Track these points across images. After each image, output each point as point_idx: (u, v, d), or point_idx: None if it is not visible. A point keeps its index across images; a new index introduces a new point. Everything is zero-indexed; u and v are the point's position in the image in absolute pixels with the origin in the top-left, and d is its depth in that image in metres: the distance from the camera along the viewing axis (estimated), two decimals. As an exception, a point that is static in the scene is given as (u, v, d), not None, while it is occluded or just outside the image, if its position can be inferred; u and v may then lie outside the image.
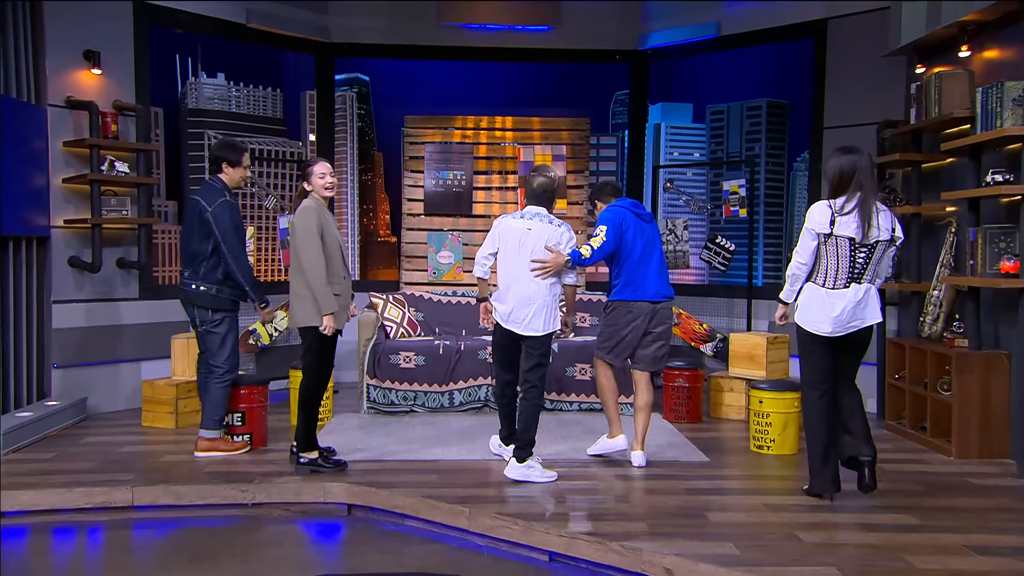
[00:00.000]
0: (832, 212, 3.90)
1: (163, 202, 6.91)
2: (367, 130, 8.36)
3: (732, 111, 7.73)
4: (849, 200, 3.89)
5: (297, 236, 4.39)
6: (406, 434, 5.48)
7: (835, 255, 3.92)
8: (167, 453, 5.03)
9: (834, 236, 3.90)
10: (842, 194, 3.92)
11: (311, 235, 4.36)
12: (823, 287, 3.96)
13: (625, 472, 4.65)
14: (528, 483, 4.38)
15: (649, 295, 4.67)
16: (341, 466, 4.63)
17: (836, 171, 3.94)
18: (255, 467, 4.73)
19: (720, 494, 4.27)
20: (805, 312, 4.00)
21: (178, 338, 5.96)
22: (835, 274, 3.93)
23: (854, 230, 3.88)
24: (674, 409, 6.02)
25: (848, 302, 3.91)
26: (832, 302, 3.93)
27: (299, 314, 4.49)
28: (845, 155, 3.94)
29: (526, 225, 4.52)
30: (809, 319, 3.99)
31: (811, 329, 3.98)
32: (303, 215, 4.39)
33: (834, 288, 3.93)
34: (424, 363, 6.19)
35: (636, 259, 4.67)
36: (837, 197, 3.93)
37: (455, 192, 7.49)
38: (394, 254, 7.96)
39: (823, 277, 3.96)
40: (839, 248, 3.90)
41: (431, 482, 4.42)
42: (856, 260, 3.92)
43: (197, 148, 7.18)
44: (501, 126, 7.66)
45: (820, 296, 3.96)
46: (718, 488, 4.38)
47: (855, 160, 3.91)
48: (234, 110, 7.42)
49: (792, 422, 5.07)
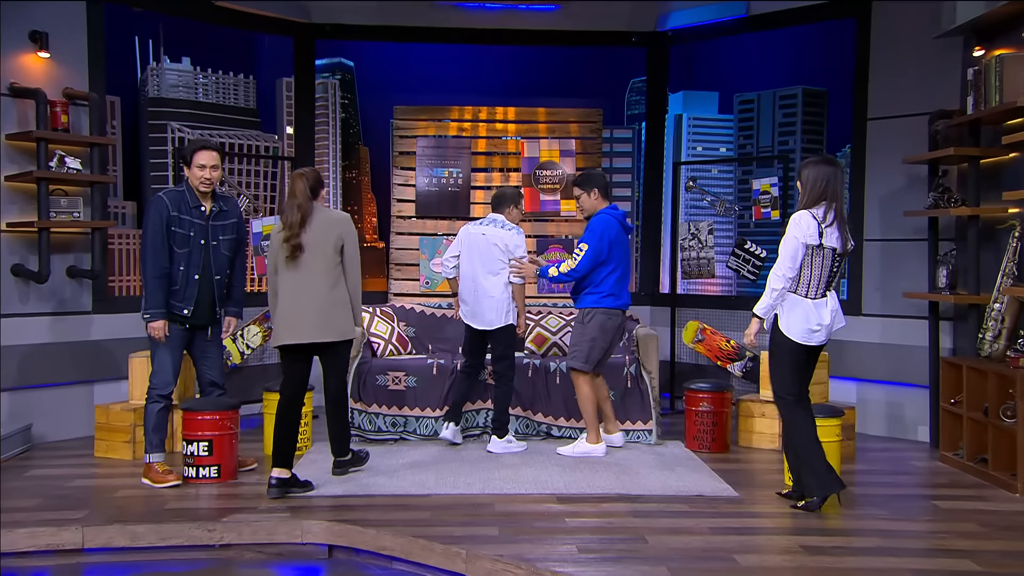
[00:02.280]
0: (817, 223, 4.40)
1: (120, 203, 6.91)
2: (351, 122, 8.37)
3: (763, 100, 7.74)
4: (828, 211, 4.42)
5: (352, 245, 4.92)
6: (395, 465, 5.46)
7: (820, 266, 4.43)
8: (123, 488, 4.99)
9: (822, 247, 4.41)
10: (818, 205, 4.45)
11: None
12: (806, 297, 4.46)
13: (641, 507, 4.64)
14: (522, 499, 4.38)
15: (626, 304, 5.68)
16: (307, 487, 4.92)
17: (813, 181, 4.46)
18: (224, 503, 4.70)
19: (751, 534, 4.24)
20: (793, 323, 4.47)
21: (136, 357, 5.93)
22: (816, 284, 4.46)
23: (836, 240, 4.44)
24: (698, 437, 5.98)
25: (831, 310, 4.49)
26: (820, 312, 4.46)
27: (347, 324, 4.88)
28: (823, 166, 4.48)
29: (482, 231, 5.79)
30: (799, 330, 4.46)
31: (802, 340, 4.47)
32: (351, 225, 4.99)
33: (816, 298, 4.46)
34: (416, 384, 6.17)
35: (623, 270, 5.65)
36: (813, 208, 4.45)
37: (451, 192, 7.50)
38: (382, 261, 7.94)
39: (805, 288, 4.46)
40: (824, 259, 4.43)
41: (423, 520, 4.40)
42: (832, 270, 4.48)
43: (159, 142, 7.19)
44: (502, 118, 7.67)
45: (807, 306, 4.45)
46: (748, 527, 4.34)
47: (832, 172, 4.46)
48: (201, 99, 7.43)
49: (833, 452, 5.02)
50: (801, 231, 4.39)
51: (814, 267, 4.43)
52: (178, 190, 5.13)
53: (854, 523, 4.45)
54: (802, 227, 4.39)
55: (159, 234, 4.99)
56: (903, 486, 5.23)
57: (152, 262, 5.00)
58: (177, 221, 5.02)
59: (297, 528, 4.37)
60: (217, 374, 5.31)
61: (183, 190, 5.11)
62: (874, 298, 6.60)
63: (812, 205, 4.44)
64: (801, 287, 4.46)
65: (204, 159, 5.06)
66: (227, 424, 5.12)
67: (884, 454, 6.00)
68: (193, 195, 5.08)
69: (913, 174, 6.40)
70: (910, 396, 6.39)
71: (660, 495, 4.85)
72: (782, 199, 6.83)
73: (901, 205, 6.37)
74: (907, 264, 6.40)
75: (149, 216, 5.04)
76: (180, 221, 5.03)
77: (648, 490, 4.93)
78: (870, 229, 6.63)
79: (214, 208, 5.14)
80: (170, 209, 5.00)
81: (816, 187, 4.44)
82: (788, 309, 4.47)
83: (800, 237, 4.39)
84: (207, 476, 5.09)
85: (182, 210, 5.04)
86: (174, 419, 5.74)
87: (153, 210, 5.04)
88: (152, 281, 5.00)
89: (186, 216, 5.05)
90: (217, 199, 5.17)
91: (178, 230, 5.03)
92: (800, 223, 4.40)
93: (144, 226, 5.08)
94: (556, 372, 6.20)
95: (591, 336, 5.59)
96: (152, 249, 5.00)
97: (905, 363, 6.37)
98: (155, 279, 5.00)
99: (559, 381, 6.18)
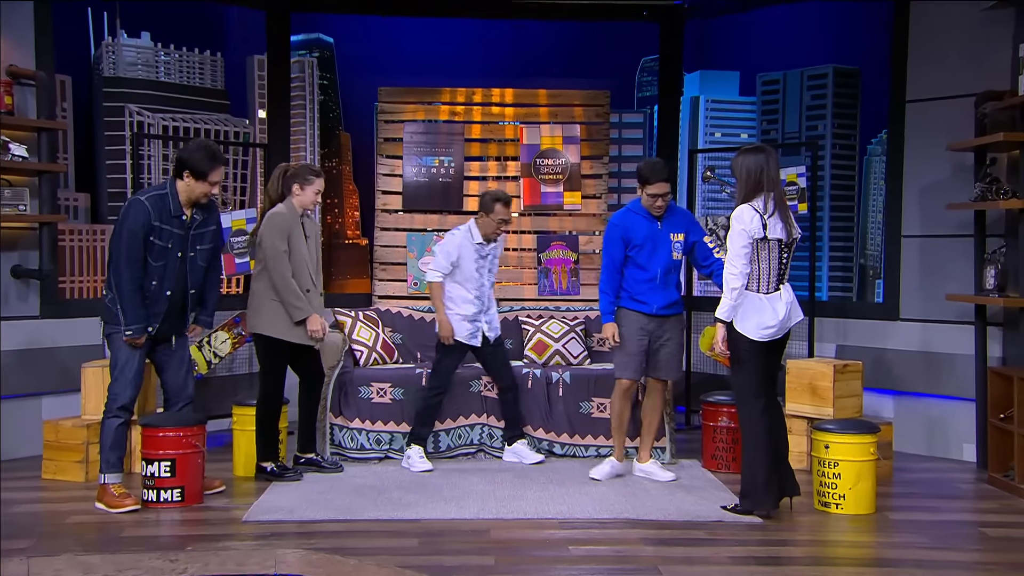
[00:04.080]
0: (760, 215, 4.69)
1: (72, 195, 6.90)
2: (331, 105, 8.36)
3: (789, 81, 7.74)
4: (767, 201, 4.72)
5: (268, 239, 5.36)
6: (379, 486, 5.45)
7: (767, 259, 4.75)
8: (74, 513, 4.97)
9: (767, 240, 4.70)
10: (756, 196, 4.73)
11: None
12: (758, 292, 4.76)
13: (654, 534, 4.63)
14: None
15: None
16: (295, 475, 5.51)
17: (747, 173, 4.75)
18: (188, 529, 4.68)
19: (776, 563, 4.23)
20: (746, 319, 4.76)
21: (90, 367, 5.91)
22: (767, 278, 4.76)
23: (780, 231, 4.73)
24: (716, 456, 5.98)
25: (784, 304, 4.78)
26: (773, 306, 4.76)
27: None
28: (753, 155, 4.78)
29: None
30: (752, 326, 4.75)
31: (755, 336, 4.75)
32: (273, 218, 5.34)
33: (768, 292, 4.77)
34: (403, 397, 6.17)
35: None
36: (752, 200, 4.73)
37: (441, 183, 7.49)
38: (365, 260, 7.94)
39: (756, 283, 4.77)
40: (770, 251, 4.74)
41: (411, 548, 4.39)
42: (781, 261, 4.79)
43: (115, 127, 7.18)
44: (499, 100, 7.66)
45: (760, 302, 4.76)
46: (773, 556, 4.33)
47: (764, 159, 4.76)
48: (163, 79, 7.43)
49: (867, 473, 5.02)
50: (745, 223, 4.68)
51: (761, 261, 4.74)
52: (159, 194, 5.04)
53: (891, 552, 4.43)
54: (744, 220, 4.69)
55: (137, 243, 4.94)
56: (946, 511, 5.21)
57: (129, 272, 4.95)
58: (157, 231, 4.98)
59: (270, 557, 4.35)
60: (183, 382, 5.29)
61: (166, 194, 5.04)
62: (913, 301, 6.58)
63: (750, 198, 4.74)
64: (752, 283, 4.75)
65: (219, 176, 5.14)
66: (192, 442, 5.09)
67: (925, 475, 5.98)
68: (177, 203, 5.05)
69: (957, 162, 6.39)
70: (954, 410, 6.37)
71: (675, 520, 4.83)
72: (811, 191, 6.82)
73: (944, 197, 6.36)
74: (950, 263, 6.39)
75: (127, 222, 4.97)
76: (160, 232, 4.99)
77: (662, 515, 4.92)
78: (909, 224, 6.62)
79: (195, 216, 5.14)
80: (152, 217, 4.96)
81: (751, 178, 4.73)
82: (741, 307, 4.77)
83: (745, 230, 4.67)
84: (169, 500, 5.05)
85: (164, 219, 5.00)
86: (132, 436, 5.70)
87: (132, 215, 4.96)
88: (131, 293, 4.96)
89: (167, 226, 5.01)
90: (198, 205, 5.15)
91: (156, 241, 5.00)
92: (743, 217, 4.70)
93: (118, 231, 5.01)
94: (559, 383, 6.19)
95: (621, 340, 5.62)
96: (128, 258, 4.94)
97: (948, 373, 6.35)
98: (134, 291, 4.96)
99: (562, 393, 6.17)
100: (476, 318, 6.01)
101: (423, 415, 5.99)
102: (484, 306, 6.05)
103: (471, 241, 5.99)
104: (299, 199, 5.50)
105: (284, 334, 5.44)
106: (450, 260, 5.98)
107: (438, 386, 5.99)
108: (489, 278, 6.09)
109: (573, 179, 7.46)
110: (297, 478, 5.57)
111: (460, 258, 5.96)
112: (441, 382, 6.00)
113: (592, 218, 7.51)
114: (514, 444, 6.10)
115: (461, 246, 5.97)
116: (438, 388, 6.00)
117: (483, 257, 6.03)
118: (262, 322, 5.46)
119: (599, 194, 7.54)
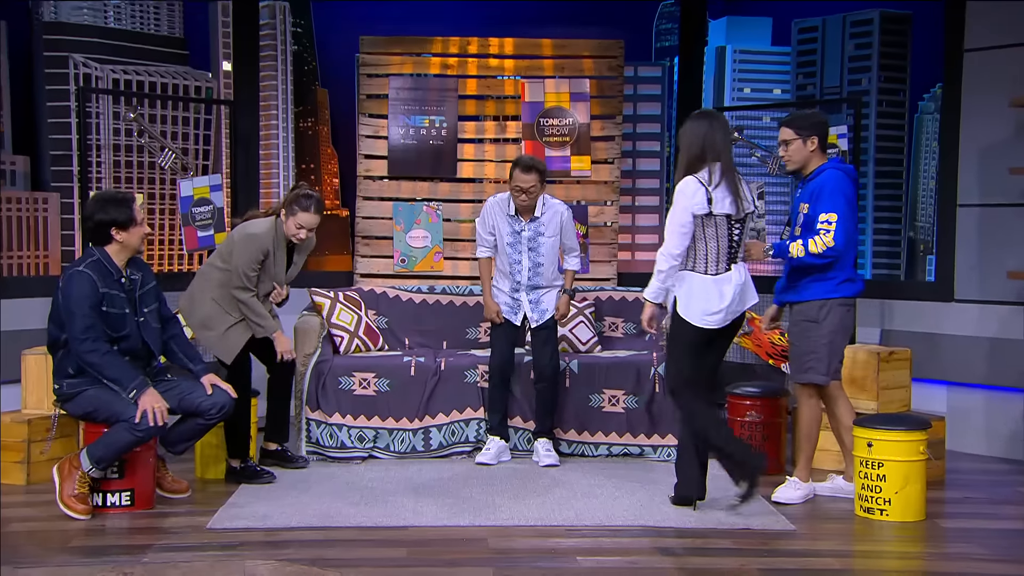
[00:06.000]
0: (705, 188, 4.80)
1: (9, 157, 6.88)
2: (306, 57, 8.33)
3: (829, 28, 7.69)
4: (712, 173, 4.83)
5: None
6: (362, 489, 5.46)
7: (714, 236, 4.86)
8: (15, 520, 4.97)
9: (713, 215, 4.81)
10: (701, 167, 4.85)
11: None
12: (706, 274, 4.87)
13: (672, 543, 4.63)
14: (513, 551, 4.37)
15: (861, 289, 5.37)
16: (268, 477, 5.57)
17: (688, 142, 4.89)
18: (146, 538, 4.68)
19: (814, 577, 4.24)
20: (690, 304, 4.88)
21: (31, 354, 5.90)
22: (716, 258, 4.88)
23: (729, 204, 4.84)
24: (746, 455, 5.97)
25: (735, 287, 4.88)
26: (721, 289, 4.86)
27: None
28: (696, 121, 4.94)
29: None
30: (697, 312, 4.87)
31: (699, 323, 4.87)
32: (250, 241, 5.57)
33: (717, 274, 4.87)
34: (389, 389, 6.17)
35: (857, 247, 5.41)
36: (696, 172, 4.85)
37: (433, 146, 7.47)
38: (345, 233, 7.93)
39: (704, 263, 4.88)
40: (718, 228, 4.86)
41: (398, 559, 4.40)
42: (732, 238, 4.90)
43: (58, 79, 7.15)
44: (498, 52, 7.64)
45: (706, 284, 4.87)
46: (808, 568, 4.33)
47: (708, 125, 4.89)
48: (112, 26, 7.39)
49: (916, 475, 5.02)
50: (687, 199, 4.81)
51: (708, 239, 4.85)
52: (92, 259, 5.03)
53: (943, 564, 4.44)
54: (687, 194, 4.82)
55: (92, 315, 4.92)
56: (1007, 518, 5.21)
57: (94, 343, 4.93)
58: (108, 299, 5.00)
59: (238, 570, 4.33)
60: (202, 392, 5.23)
61: (98, 259, 5.02)
62: (969, 280, 6.57)
63: (694, 169, 4.86)
64: (698, 263, 4.89)
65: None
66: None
67: (982, 477, 5.99)
68: (115, 264, 5.06)
69: (1022, 121, 6.36)
70: (1015, 404, 6.37)
71: (696, 528, 4.84)
72: (852, 153, 6.79)
73: (1006, 160, 6.34)
74: (1013, 236, 6.38)
75: (72, 297, 4.92)
76: (111, 299, 5.01)
77: (681, 522, 4.92)
78: (965, 191, 6.60)
79: (133, 276, 5.17)
80: (99, 286, 4.96)
81: (693, 147, 4.86)
82: (684, 289, 4.90)
83: (687, 206, 4.80)
84: (117, 504, 5.06)
85: (110, 285, 5.02)
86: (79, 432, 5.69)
87: (76, 290, 4.92)
88: (109, 359, 4.94)
89: (114, 291, 5.04)
90: (128, 263, 5.18)
91: (110, 310, 5.00)
92: (685, 191, 4.82)
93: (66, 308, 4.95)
94: (566, 373, 6.18)
95: (829, 337, 5.19)
96: (89, 329, 4.91)
97: (1009, 362, 6.35)
98: (108, 355, 4.95)
99: (569, 384, 6.16)
100: (515, 296, 6.06)
101: (487, 403, 6.15)
102: (521, 286, 6.04)
103: (504, 210, 6.02)
104: (285, 225, 5.65)
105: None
106: (486, 229, 6.05)
107: (490, 367, 6.08)
108: (532, 258, 6.02)
109: (581, 141, 7.43)
110: (270, 479, 5.57)
111: (496, 227, 6.03)
112: (492, 363, 6.08)
113: (603, 186, 7.48)
114: (536, 441, 6.11)
115: (494, 212, 6.03)
116: (489, 370, 6.10)
117: (517, 232, 6.01)
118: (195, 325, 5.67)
119: (611, 159, 7.52)
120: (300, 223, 5.58)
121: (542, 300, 6.07)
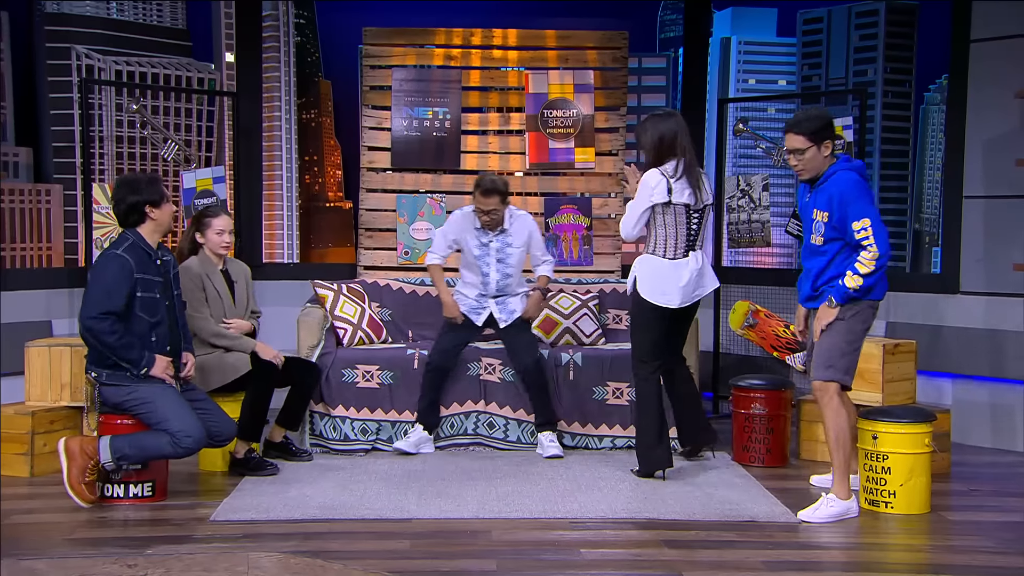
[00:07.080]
0: (667, 179, 5.21)
1: (11, 149, 6.88)
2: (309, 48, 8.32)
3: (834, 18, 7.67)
4: (677, 165, 5.24)
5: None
6: (366, 482, 5.47)
7: (673, 224, 5.27)
8: (17, 513, 4.97)
9: (672, 204, 5.23)
10: (668, 160, 5.25)
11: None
12: (664, 258, 5.29)
13: (677, 535, 4.63)
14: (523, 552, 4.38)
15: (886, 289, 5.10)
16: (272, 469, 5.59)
17: (656, 138, 5.27)
18: (149, 530, 4.69)
19: (816, 570, 4.24)
20: (649, 284, 5.30)
21: (35, 346, 5.91)
22: (674, 244, 5.29)
23: (688, 196, 5.25)
24: (748, 447, 5.99)
25: (691, 271, 5.30)
26: (678, 273, 5.29)
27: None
28: (659, 122, 5.33)
29: None
30: (655, 291, 5.29)
31: (658, 302, 5.29)
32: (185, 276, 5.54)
33: (675, 258, 5.30)
34: (392, 382, 6.18)
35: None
36: (663, 164, 5.24)
37: (436, 137, 7.47)
38: (349, 226, 7.93)
39: (663, 248, 5.30)
40: (676, 216, 5.27)
41: (402, 551, 4.41)
42: (691, 227, 5.30)
43: (61, 71, 7.14)
44: (501, 43, 7.63)
45: (664, 267, 5.29)
46: (812, 561, 4.34)
47: (675, 125, 5.30)
48: (115, 17, 7.38)
49: (921, 468, 5.01)
50: (648, 190, 5.23)
51: (668, 226, 5.27)
52: (128, 243, 5.01)
53: (948, 557, 4.44)
54: (649, 185, 5.23)
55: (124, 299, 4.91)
56: (1013, 511, 5.20)
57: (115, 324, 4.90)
58: (143, 284, 4.97)
59: (242, 562, 4.34)
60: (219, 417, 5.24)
61: (134, 242, 5.01)
62: (975, 272, 6.56)
63: (661, 161, 5.27)
64: (657, 247, 5.31)
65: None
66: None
67: (988, 470, 5.99)
68: (150, 246, 5.06)
69: (1028, 112, 6.37)
70: (1021, 397, 6.37)
71: (700, 520, 4.84)
72: (858, 145, 6.78)
73: (1012, 152, 6.33)
74: (1019, 228, 6.36)
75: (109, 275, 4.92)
76: (146, 284, 4.99)
77: (685, 514, 4.92)
78: (971, 183, 6.59)
79: (165, 258, 5.18)
80: (135, 271, 4.95)
81: (664, 143, 5.26)
82: (644, 271, 5.33)
83: (647, 198, 5.23)
84: (139, 495, 5.08)
85: (146, 268, 5.00)
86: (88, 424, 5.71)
87: (115, 271, 4.91)
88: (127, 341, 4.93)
89: (150, 275, 5.02)
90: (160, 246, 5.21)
91: (144, 294, 4.98)
92: (648, 182, 5.24)
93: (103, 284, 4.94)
94: (569, 365, 6.18)
95: (854, 338, 4.98)
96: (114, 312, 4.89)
97: (1015, 354, 6.34)
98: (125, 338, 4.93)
99: (572, 376, 6.17)
100: (480, 300, 6.15)
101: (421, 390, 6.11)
102: (491, 293, 6.15)
103: (471, 224, 6.09)
104: (207, 246, 5.73)
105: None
106: (447, 240, 6.17)
107: (428, 360, 6.10)
108: (501, 270, 6.12)
109: (585, 133, 7.43)
110: (273, 472, 5.58)
111: (461, 241, 6.15)
112: (431, 356, 6.10)
113: (607, 178, 7.47)
114: (539, 434, 6.11)
115: (461, 227, 6.14)
116: (427, 363, 6.10)
117: (485, 244, 6.08)
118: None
119: (615, 150, 7.51)
120: (218, 229, 5.69)
121: (509, 302, 6.16)
